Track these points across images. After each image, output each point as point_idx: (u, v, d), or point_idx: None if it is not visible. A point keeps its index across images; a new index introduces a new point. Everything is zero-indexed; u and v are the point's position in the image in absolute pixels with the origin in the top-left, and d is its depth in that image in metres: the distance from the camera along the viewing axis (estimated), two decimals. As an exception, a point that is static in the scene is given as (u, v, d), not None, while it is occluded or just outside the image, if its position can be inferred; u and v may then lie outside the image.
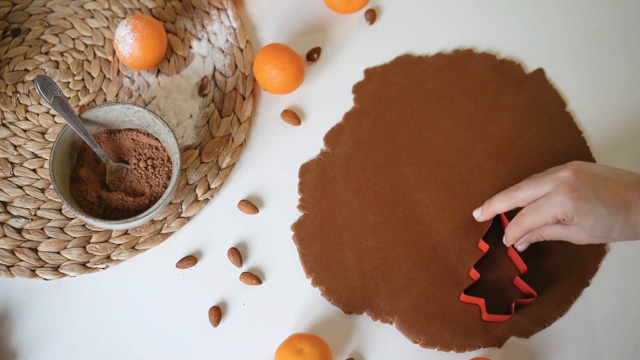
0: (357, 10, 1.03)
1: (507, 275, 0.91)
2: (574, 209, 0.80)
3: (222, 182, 0.95)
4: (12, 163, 0.94)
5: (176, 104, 0.98)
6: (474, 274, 0.90)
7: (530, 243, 0.90)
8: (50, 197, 0.93)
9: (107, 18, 1.02)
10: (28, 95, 0.97)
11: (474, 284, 0.90)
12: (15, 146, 0.95)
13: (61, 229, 0.91)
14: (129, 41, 0.94)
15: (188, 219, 0.93)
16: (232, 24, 1.03)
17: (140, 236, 0.92)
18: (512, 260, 0.91)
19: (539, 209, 0.83)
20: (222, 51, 1.01)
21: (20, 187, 0.93)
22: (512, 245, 0.90)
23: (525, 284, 0.88)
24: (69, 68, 0.99)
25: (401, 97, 1.00)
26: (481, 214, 0.90)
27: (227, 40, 1.02)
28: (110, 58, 1.00)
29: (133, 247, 0.91)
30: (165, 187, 0.90)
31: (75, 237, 0.91)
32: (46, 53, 1.00)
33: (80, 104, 0.97)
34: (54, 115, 0.97)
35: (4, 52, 0.99)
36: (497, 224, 0.93)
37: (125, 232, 0.92)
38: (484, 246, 0.91)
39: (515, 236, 0.87)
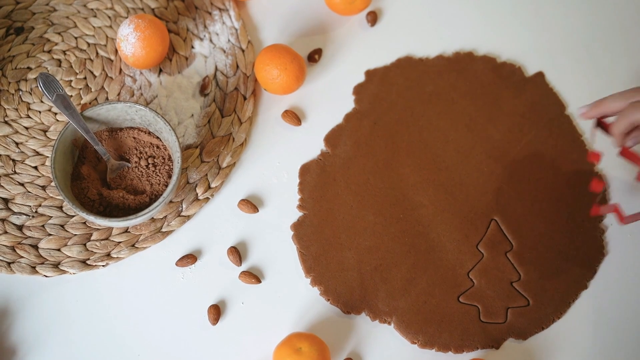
0: (359, 12, 1.04)
1: (505, 279, 0.91)
2: None
3: (223, 181, 0.95)
4: (13, 160, 0.94)
5: (177, 103, 0.98)
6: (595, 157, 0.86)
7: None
8: (51, 195, 0.93)
9: (109, 17, 1.03)
10: (30, 93, 0.98)
11: (470, 287, 0.90)
12: (17, 143, 0.95)
13: (62, 226, 0.92)
14: (131, 40, 0.95)
15: (188, 217, 0.94)
16: (234, 24, 1.03)
17: (141, 234, 0.92)
18: (629, 160, 0.86)
19: None
20: (224, 51, 1.02)
21: (22, 184, 0.93)
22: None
23: None
24: (72, 66, 1.00)
25: (401, 99, 1.00)
26: (589, 110, 0.86)
27: (228, 40, 1.03)
28: (112, 57, 1.01)
29: (133, 245, 0.92)
30: (166, 186, 0.91)
31: (75, 235, 0.92)
32: (49, 51, 1.00)
33: (82, 102, 0.98)
34: (55, 113, 0.97)
35: (7, 50, 1.00)
36: (498, 230, 0.93)
37: (126, 230, 0.92)
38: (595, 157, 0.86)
39: (621, 129, 0.82)
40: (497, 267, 0.91)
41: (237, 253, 0.91)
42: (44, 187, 0.93)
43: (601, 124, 0.88)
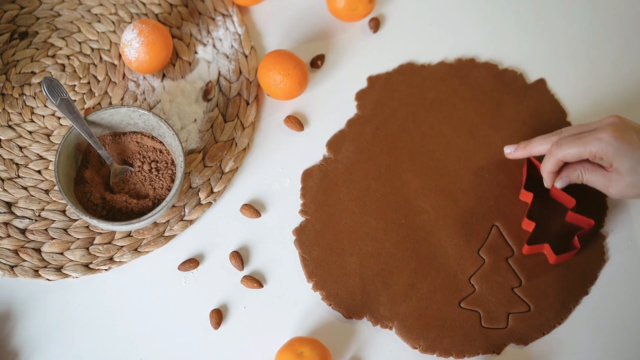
0: (361, 18, 1.04)
1: (506, 284, 0.91)
2: (615, 149, 0.82)
3: (225, 186, 0.96)
4: (17, 164, 0.95)
5: (180, 108, 0.99)
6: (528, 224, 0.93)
7: (570, 182, 0.89)
8: (54, 199, 0.93)
9: (113, 22, 1.03)
10: (34, 98, 0.98)
11: (472, 293, 0.91)
12: (20, 147, 0.96)
13: (65, 230, 0.92)
14: (135, 45, 0.95)
15: (191, 222, 0.94)
16: (237, 30, 1.04)
17: (143, 238, 0.92)
18: (558, 199, 0.93)
19: (579, 140, 0.84)
20: (227, 57, 1.02)
21: (25, 188, 0.94)
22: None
23: (580, 215, 0.91)
24: (75, 71, 1.00)
25: (403, 105, 1.01)
26: (515, 151, 0.93)
27: (232, 46, 1.03)
28: (116, 62, 1.01)
29: (136, 249, 0.92)
30: (169, 190, 0.91)
31: (78, 239, 0.92)
32: (53, 56, 1.01)
33: (85, 106, 0.98)
34: (59, 118, 0.97)
35: (11, 54, 1.00)
36: (500, 236, 0.93)
37: (128, 234, 0.92)
38: (527, 196, 0.94)
39: (548, 169, 0.88)
40: (498, 273, 0.92)
41: (239, 258, 0.92)
42: (47, 191, 0.94)
43: (532, 165, 0.94)
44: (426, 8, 1.08)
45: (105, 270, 0.91)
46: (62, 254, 0.91)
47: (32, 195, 0.93)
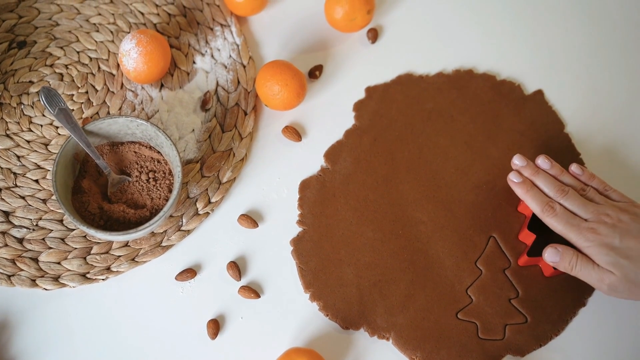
0: (360, 29, 1.04)
1: (503, 296, 0.91)
2: (595, 254, 0.84)
3: (223, 196, 0.96)
4: (15, 173, 0.95)
5: (178, 118, 0.99)
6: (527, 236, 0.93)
7: (557, 265, 0.88)
8: (52, 208, 0.93)
9: (112, 32, 1.03)
10: (32, 107, 0.98)
11: (469, 304, 0.90)
12: (18, 157, 0.96)
13: (62, 239, 0.92)
14: (133, 55, 0.96)
15: (188, 232, 0.94)
16: (236, 40, 1.04)
17: (141, 248, 0.92)
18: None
19: (569, 223, 0.87)
20: (225, 67, 1.02)
21: (23, 198, 0.94)
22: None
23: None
24: (73, 81, 1.00)
25: (401, 116, 1.01)
26: (516, 186, 0.91)
27: (230, 56, 1.03)
28: (114, 71, 1.01)
29: (133, 259, 0.92)
30: (167, 200, 0.91)
31: (75, 248, 0.92)
32: (51, 65, 1.01)
33: (83, 116, 0.98)
34: (57, 127, 0.97)
35: (10, 63, 1.00)
36: (497, 247, 0.93)
37: (126, 244, 0.92)
38: (526, 207, 0.94)
39: (532, 207, 0.89)
40: (496, 284, 0.92)
41: (237, 268, 0.92)
42: (44, 201, 0.94)
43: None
44: (424, 19, 1.09)
45: (103, 280, 0.91)
46: (59, 263, 0.91)
47: (30, 205, 0.93)
